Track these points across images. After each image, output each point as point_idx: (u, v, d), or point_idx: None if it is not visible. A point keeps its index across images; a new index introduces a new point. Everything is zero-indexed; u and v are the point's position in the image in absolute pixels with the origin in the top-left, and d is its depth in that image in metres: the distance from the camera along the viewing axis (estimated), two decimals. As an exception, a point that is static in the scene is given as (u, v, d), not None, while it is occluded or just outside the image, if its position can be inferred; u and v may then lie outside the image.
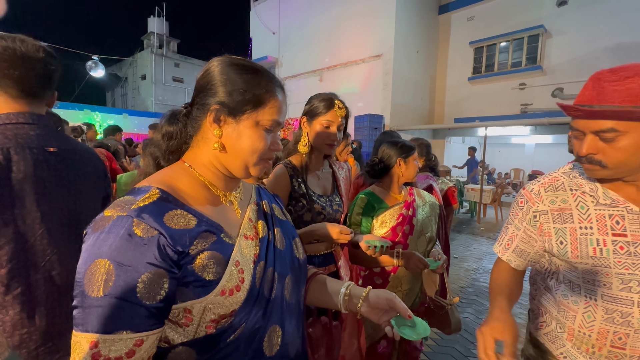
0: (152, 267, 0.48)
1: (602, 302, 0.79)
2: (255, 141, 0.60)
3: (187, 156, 0.65)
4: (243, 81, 0.60)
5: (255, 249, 0.63)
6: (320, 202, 1.25)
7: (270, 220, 0.72)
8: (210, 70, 0.62)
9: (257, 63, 0.65)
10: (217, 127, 0.60)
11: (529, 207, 0.91)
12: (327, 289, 0.77)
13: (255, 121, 0.60)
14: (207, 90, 0.61)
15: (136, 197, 0.53)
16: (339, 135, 1.23)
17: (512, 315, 0.85)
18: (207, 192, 0.63)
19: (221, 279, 0.54)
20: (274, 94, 0.62)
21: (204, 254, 0.53)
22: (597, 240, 0.78)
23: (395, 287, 1.46)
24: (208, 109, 0.59)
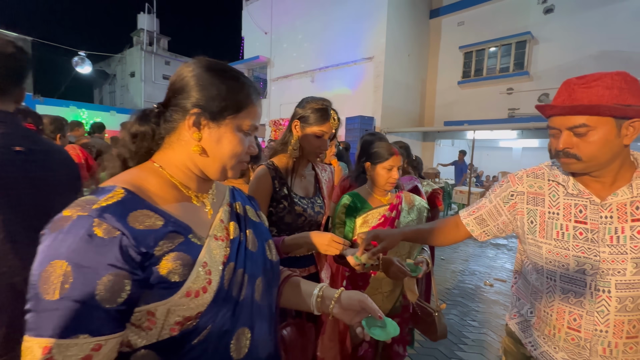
0: (113, 269, 0.47)
1: (560, 282, 0.89)
2: (235, 145, 0.62)
3: (158, 157, 0.64)
4: (225, 87, 0.61)
5: (226, 250, 0.63)
6: (301, 203, 1.25)
7: (243, 222, 0.71)
8: (185, 75, 0.61)
9: (234, 67, 0.66)
10: (196, 131, 0.60)
11: (508, 186, 1.02)
12: (301, 290, 0.78)
13: (235, 126, 0.62)
14: (185, 93, 0.61)
15: (99, 196, 0.52)
16: (327, 144, 1.25)
17: None
18: (177, 193, 0.62)
19: (186, 280, 0.53)
20: (252, 99, 0.64)
21: (170, 255, 0.53)
22: (561, 225, 0.89)
23: (375, 288, 1.45)
24: (187, 112, 0.60)
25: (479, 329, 2.83)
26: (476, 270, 4.29)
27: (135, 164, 0.65)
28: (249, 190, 1.23)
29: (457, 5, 9.53)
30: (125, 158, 0.65)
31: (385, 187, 1.48)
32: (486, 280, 3.92)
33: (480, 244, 5.57)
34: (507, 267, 4.43)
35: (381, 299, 1.45)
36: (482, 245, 5.54)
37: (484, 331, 2.80)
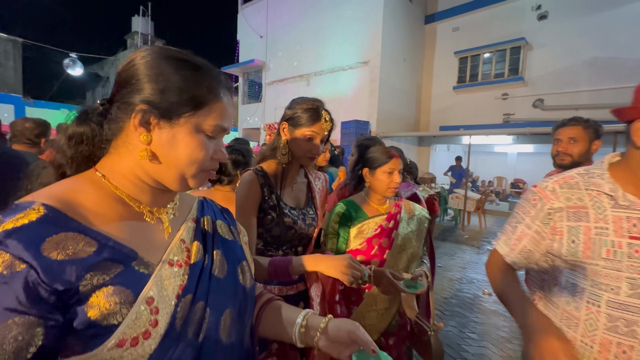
0: (15, 315, 0.35)
1: (607, 308, 0.77)
2: (194, 150, 0.50)
3: (102, 164, 0.52)
4: (180, 78, 0.49)
5: (183, 278, 0.51)
6: (291, 215, 1.12)
7: (211, 241, 0.60)
8: (136, 62, 0.50)
9: (198, 57, 0.54)
10: (144, 132, 0.49)
11: (543, 204, 0.88)
12: (282, 318, 0.67)
13: (194, 126, 0.50)
14: (132, 85, 0.49)
15: (5, 217, 0.40)
16: (321, 148, 1.12)
17: None
18: (123, 209, 0.50)
19: (121, 324, 0.41)
20: (217, 95, 0.52)
21: (102, 290, 0.41)
22: (612, 242, 0.77)
23: (370, 305, 1.33)
24: (133, 109, 0.48)
25: (478, 341, 2.72)
26: (474, 278, 4.18)
27: (74, 172, 0.53)
28: (236, 198, 1.10)
29: (452, 11, 9.57)
30: (60, 165, 0.53)
31: (386, 194, 1.37)
32: (484, 289, 3.82)
33: (478, 251, 5.48)
34: (505, 275, 4.33)
35: (376, 317, 1.33)
36: (480, 252, 5.45)
37: (484, 344, 2.69)
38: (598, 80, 7.48)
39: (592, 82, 7.56)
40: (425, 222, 1.48)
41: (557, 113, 7.98)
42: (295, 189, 1.20)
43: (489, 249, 5.63)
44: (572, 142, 1.68)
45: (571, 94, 7.85)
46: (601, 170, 0.85)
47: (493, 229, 7.44)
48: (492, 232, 7.06)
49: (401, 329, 1.40)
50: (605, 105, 7.32)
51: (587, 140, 1.66)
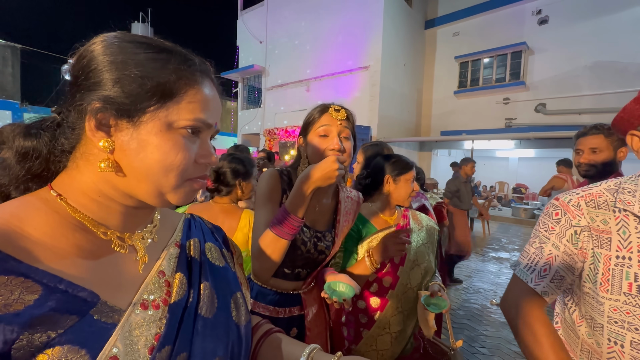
0: None
1: (631, 350, 0.65)
2: (167, 152, 0.39)
3: (59, 181, 0.42)
4: (138, 63, 0.39)
5: (159, 324, 0.40)
6: (302, 233, 0.96)
7: (197, 271, 0.49)
8: (88, 51, 0.39)
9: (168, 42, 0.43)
10: (103, 137, 0.38)
11: (568, 220, 0.75)
12: (282, 356, 0.55)
13: (165, 123, 0.39)
14: (84, 81, 0.39)
15: None
16: (344, 145, 0.93)
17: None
18: (82, 237, 0.39)
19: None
20: (192, 81, 0.41)
21: (46, 353, 0.30)
22: (635, 275, 0.65)
23: (382, 328, 1.21)
24: (86, 110, 0.38)
25: (489, 357, 2.58)
26: (480, 287, 4.05)
27: (21, 193, 0.42)
28: (257, 190, 0.96)
29: (452, 15, 9.57)
30: (2, 185, 0.42)
31: (405, 203, 1.29)
32: (492, 299, 3.68)
33: (482, 258, 5.35)
34: (513, 284, 4.20)
35: (390, 341, 1.21)
36: (484, 259, 5.32)
37: (495, 359, 2.55)
38: (601, 84, 7.43)
39: (595, 87, 7.51)
40: (435, 233, 1.39)
41: (560, 117, 7.92)
42: (317, 210, 1.02)
43: (493, 256, 5.50)
44: (595, 153, 1.54)
45: (573, 98, 7.79)
46: (635, 185, 0.71)
47: (496, 235, 7.32)
48: (496, 238, 6.93)
49: (415, 351, 1.28)
50: (608, 110, 7.26)
51: (612, 149, 1.53)
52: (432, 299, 1.13)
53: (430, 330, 1.15)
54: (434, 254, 1.37)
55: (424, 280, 1.29)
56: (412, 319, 1.24)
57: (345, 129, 0.96)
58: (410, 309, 1.24)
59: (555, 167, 4.58)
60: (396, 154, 1.35)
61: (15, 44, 11.97)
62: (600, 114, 7.38)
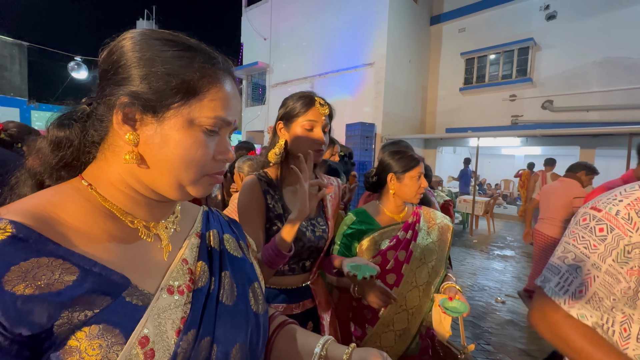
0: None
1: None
2: (188, 149, 0.41)
3: (89, 172, 0.44)
4: (165, 60, 0.40)
5: (185, 309, 0.42)
6: (300, 225, 1.01)
7: (217, 260, 0.50)
8: (117, 47, 0.41)
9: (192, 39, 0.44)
10: (129, 130, 0.40)
11: (617, 237, 0.66)
12: (297, 347, 0.57)
13: (187, 119, 0.41)
14: (113, 76, 0.41)
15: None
16: (325, 138, 1.01)
17: None
18: (113, 225, 0.42)
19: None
20: (215, 80, 0.43)
21: (83, 331, 0.32)
22: None
23: (386, 325, 1.21)
24: (114, 104, 0.40)
25: (494, 354, 2.59)
26: (485, 285, 4.04)
27: (54, 182, 0.45)
28: (237, 205, 1.00)
29: (458, 11, 9.46)
30: (38, 174, 0.44)
31: (414, 200, 1.27)
32: (497, 296, 3.68)
33: (487, 256, 5.33)
34: (518, 282, 4.18)
35: (393, 338, 1.21)
36: (489, 257, 5.30)
37: (501, 357, 2.55)
38: (609, 80, 7.31)
39: (603, 83, 7.39)
40: (448, 232, 1.35)
41: (567, 114, 7.82)
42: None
43: (498, 254, 5.48)
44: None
45: (581, 95, 7.68)
46: None
47: (502, 232, 7.27)
48: (501, 236, 6.89)
49: (423, 352, 1.27)
50: (617, 107, 7.15)
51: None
52: (451, 302, 1.10)
53: (445, 335, 1.13)
54: (445, 254, 1.33)
55: (432, 280, 1.26)
56: (417, 317, 1.23)
57: (327, 123, 1.02)
58: (416, 308, 1.23)
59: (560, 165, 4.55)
60: (403, 150, 1.33)
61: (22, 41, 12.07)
62: (609, 110, 7.28)
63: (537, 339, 2.81)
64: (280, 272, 1.01)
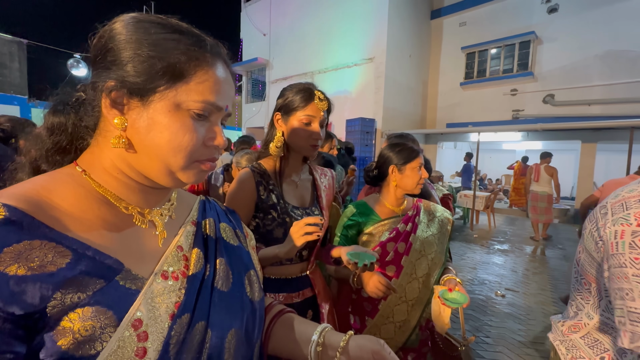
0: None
1: None
2: (175, 133, 0.41)
3: (83, 158, 0.45)
4: (151, 43, 0.40)
5: (179, 293, 0.42)
6: (294, 214, 1.03)
7: (213, 247, 0.51)
8: (107, 31, 0.41)
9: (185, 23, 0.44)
10: (117, 115, 0.40)
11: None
12: (295, 335, 0.58)
13: (173, 103, 0.41)
14: (102, 60, 0.41)
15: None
16: (322, 133, 1.02)
17: None
18: (107, 210, 0.42)
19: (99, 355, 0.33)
20: (203, 62, 0.42)
21: (76, 312, 0.33)
22: None
23: (386, 317, 1.22)
24: (102, 88, 0.40)
25: (493, 346, 2.60)
26: (485, 279, 4.06)
27: (50, 168, 0.45)
28: (227, 196, 1.02)
29: (458, 5, 9.38)
30: (35, 159, 0.46)
31: (415, 191, 1.28)
32: (497, 290, 3.69)
33: (488, 250, 5.34)
34: (518, 276, 4.20)
35: (393, 330, 1.22)
36: (490, 251, 5.31)
37: (500, 349, 2.57)
38: (611, 74, 7.26)
39: (605, 76, 7.35)
40: (448, 225, 1.36)
41: (569, 109, 7.78)
42: (299, 187, 1.11)
43: (498, 248, 5.49)
44: None
45: (583, 88, 7.64)
46: None
47: (502, 227, 7.28)
48: (502, 231, 6.90)
49: (423, 344, 1.28)
50: (619, 100, 7.11)
51: None
52: (451, 293, 1.10)
53: (444, 327, 1.12)
54: (445, 246, 1.35)
55: (432, 272, 1.27)
56: (417, 309, 1.24)
57: (325, 118, 1.03)
58: (416, 300, 1.24)
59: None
60: (402, 142, 1.33)
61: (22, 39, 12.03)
62: (611, 104, 7.24)
63: (536, 331, 2.83)
64: (279, 262, 1.02)
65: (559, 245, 5.84)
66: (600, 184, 2.89)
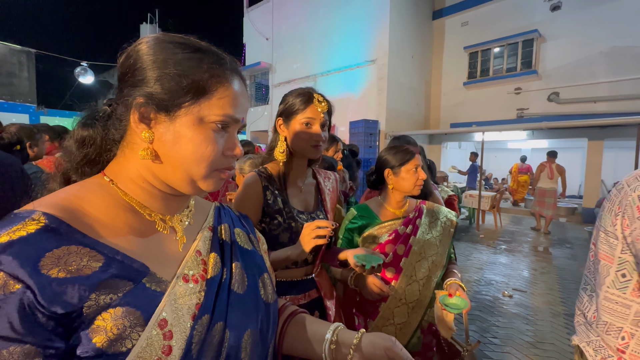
0: (9, 344, 0.31)
1: None
2: (198, 145, 0.44)
3: (110, 168, 0.48)
4: (176, 62, 0.43)
5: (199, 295, 0.45)
6: (300, 219, 1.05)
7: (229, 252, 0.54)
8: (134, 52, 0.45)
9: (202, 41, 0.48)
10: (145, 129, 0.43)
11: None
12: (308, 334, 0.59)
13: (197, 117, 0.44)
14: (130, 78, 0.44)
15: (1, 229, 0.35)
16: (323, 134, 1.03)
17: None
18: (132, 217, 0.45)
19: (131, 351, 0.36)
20: (223, 79, 0.46)
21: (109, 312, 0.36)
22: None
23: (386, 319, 1.23)
24: (131, 104, 0.43)
25: (501, 347, 2.59)
26: (492, 279, 4.03)
27: (80, 178, 0.49)
28: (235, 201, 1.04)
29: (460, 5, 9.38)
30: (67, 170, 0.49)
31: (414, 192, 1.29)
32: (504, 290, 3.67)
33: (494, 251, 5.31)
34: (525, 276, 4.17)
35: (394, 332, 1.23)
36: (496, 252, 5.28)
37: (507, 349, 2.55)
38: (617, 70, 7.19)
39: (611, 73, 7.28)
40: (452, 227, 1.36)
41: (574, 106, 7.72)
42: (303, 192, 1.13)
43: (505, 248, 5.45)
44: None
45: (588, 86, 7.57)
46: None
47: (509, 227, 7.22)
48: (508, 231, 6.85)
49: (427, 349, 1.28)
50: (625, 97, 7.04)
51: None
52: (451, 298, 1.11)
53: (448, 332, 1.13)
54: (447, 249, 1.33)
55: (432, 275, 1.27)
56: (417, 312, 1.24)
57: (326, 120, 1.04)
58: (416, 302, 1.24)
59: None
60: (398, 145, 1.34)
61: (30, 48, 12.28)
62: (617, 101, 7.16)
63: (544, 332, 2.81)
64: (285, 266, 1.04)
65: (566, 244, 5.77)
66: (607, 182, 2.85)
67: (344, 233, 1.30)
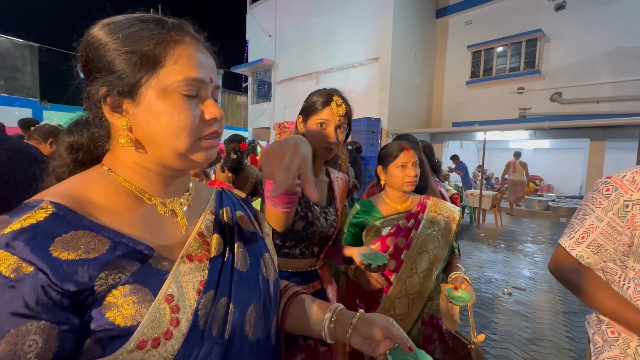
0: (27, 321, 0.33)
1: None
2: (170, 116, 0.43)
3: (107, 159, 0.50)
4: (120, 42, 0.43)
5: (203, 273, 0.47)
6: (315, 211, 1.08)
7: (231, 233, 0.56)
8: (84, 48, 0.45)
9: (149, 13, 0.47)
10: (119, 117, 0.44)
11: (618, 195, 0.82)
12: (310, 313, 0.62)
13: (160, 89, 0.43)
14: (89, 74, 0.45)
15: (13, 217, 0.37)
16: (338, 137, 1.04)
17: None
18: (134, 202, 0.47)
19: (139, 325, 0.38)
20: (170, 42, 0.44)
21: (118, 289, 0.39)
22: None
23: (387, 310, 1.25)
24: (99, 99, 0.44)
25: (500, 343, 2.62)
26: (492, 277, 4.06)
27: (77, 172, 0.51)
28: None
29: (464, 4, 9.35)
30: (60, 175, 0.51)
31: (403, 188, 1.32)
32: (504, 288, 3.70)
33: (495, 249, 5.34)
34: (525, 274, 4.19)
35: None
36: (496, 250, 5.30)
37: (506, 346, 2.59)
38: (620, 71, 7.18)
39: (614, 74, 7.26)
40: (454, 222, 1.38)
41: (576, 106, 7.71)
42: (317, 187, 1.16)
43: (506, 247, 5.48)
44: None
45: (591, 86, 7.56)
46: None
47: (509, 226, 7.25)
48: (509, 230, 6.87)
49: (429, 341, 1.30)
50: (628, 98, 7.03)
51: None
52: (457, 291, 1.13)
53: (453, 325, 1.14)
54: (449, 244, 1.35)
55: (434, 267, 1.30)
56: (417, 303, 1.26)
57: (342, 122, 1.05)
58: (416, 294, 1.26)
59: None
60: (390, 143, 1.38)
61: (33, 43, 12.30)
62: (620, 102, 7.15)
63: (543, 329, 2.84)
64: (292, 255, 1.07)
65: (567, 244, 5.79)
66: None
67: (349, 227, 1.34)
